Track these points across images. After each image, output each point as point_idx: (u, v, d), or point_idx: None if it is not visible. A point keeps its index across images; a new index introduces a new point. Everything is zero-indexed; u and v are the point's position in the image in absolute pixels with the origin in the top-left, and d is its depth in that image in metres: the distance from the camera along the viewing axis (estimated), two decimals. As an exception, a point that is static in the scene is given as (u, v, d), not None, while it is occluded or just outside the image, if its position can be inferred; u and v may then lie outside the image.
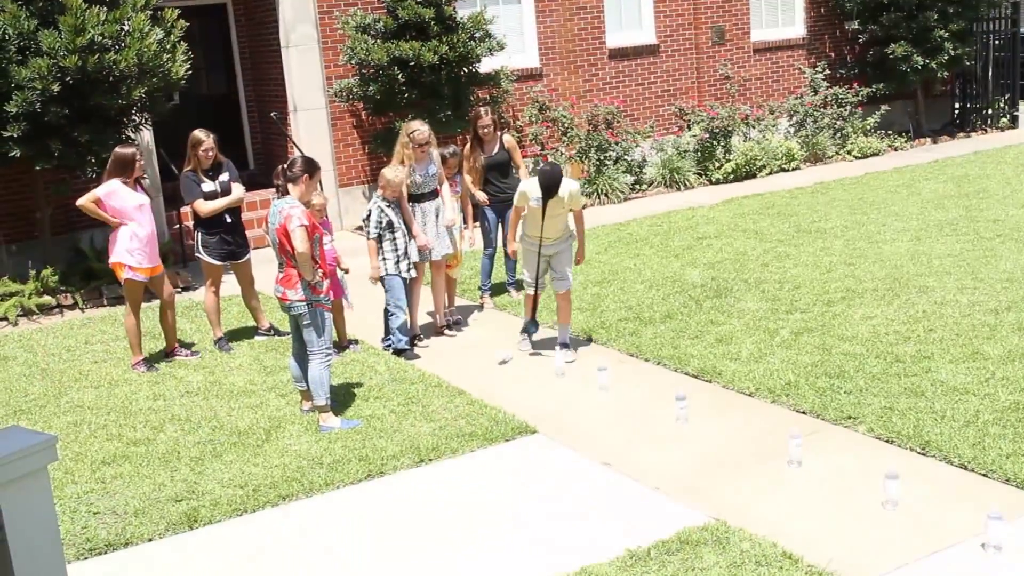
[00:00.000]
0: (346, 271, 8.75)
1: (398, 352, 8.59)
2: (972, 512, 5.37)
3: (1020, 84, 19.76)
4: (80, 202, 8.39)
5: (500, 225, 9.99)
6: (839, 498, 5.68)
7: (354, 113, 14.10)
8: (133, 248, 8.40)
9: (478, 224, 10.11)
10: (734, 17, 16.97)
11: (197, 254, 9.07)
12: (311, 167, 7.17)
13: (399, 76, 13.07)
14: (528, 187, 8.08)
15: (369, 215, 8.43)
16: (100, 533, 5.78)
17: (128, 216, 8.36)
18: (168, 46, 10.89)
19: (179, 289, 11.34)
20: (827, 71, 17.71)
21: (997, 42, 19.31)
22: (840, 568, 4.95)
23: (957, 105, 19.68)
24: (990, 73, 19.39)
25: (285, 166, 7.18)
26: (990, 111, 19.37)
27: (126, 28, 10.44)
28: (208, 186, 8.86)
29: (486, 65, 14.06)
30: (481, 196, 9.80)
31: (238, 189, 9.01)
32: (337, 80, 13.77)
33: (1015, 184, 13.82)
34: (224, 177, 8.95)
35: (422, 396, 7.59)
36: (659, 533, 5.36)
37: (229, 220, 8.99)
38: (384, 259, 8.44)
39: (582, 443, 6.66)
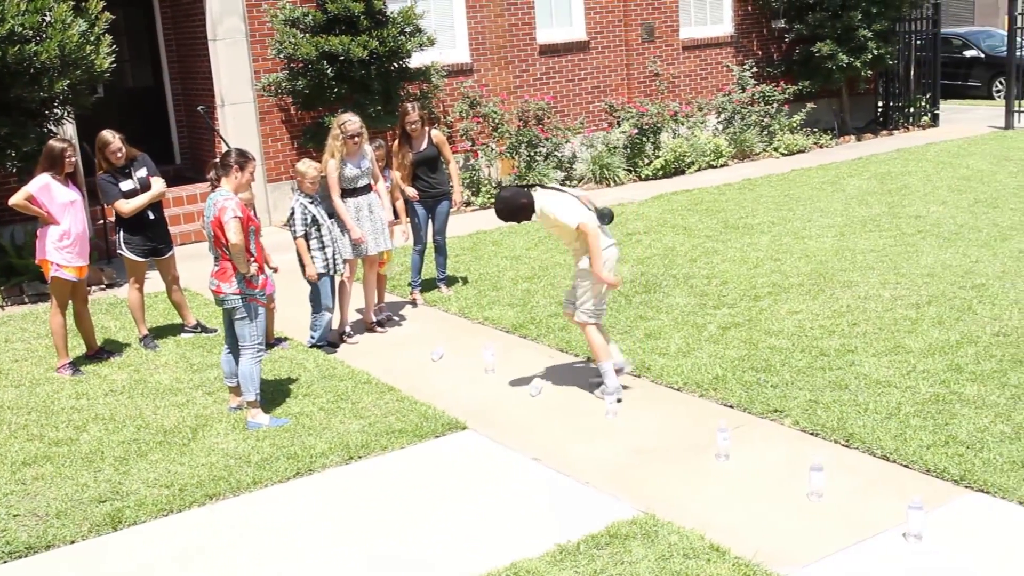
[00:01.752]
0: (275, 270, 8.59)
1: (317, 347, 8.58)
2: (894, 502, 5.48)
3: (941, 83, 20.21)
4: (12, 201, 8.17)
5: (430, 221, 9.96)
6: (766, 490, 5.76)
7: (283, 108, 13.95)
8: (62, 246, 8.22)
9: (409, 220, 10.06)
10: (663, 14, 17.10)
11: (119, 251, 8.89)
12: (243, 159, 7.09)
13: (328, 71, 12.97)
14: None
15: (292, 214, 8.34)
16: (20, 536, 5.65)
17: (59, 212, 8.18)
18: (92, 38, 10.67)
19: (103, 286, 11.14)
20: (754, 69, 17.94)
21: (919, 42, 19.72)
22: (766, 559, 5.01)
23: (880, 103, 20.05)
24: (912, 72, 19.80)
25: (218, 160, 7.09)
26: (912, 109, 19.77)
27: (48, 19, 10.21)
28: (127, 184, 8.66)
29: (416, 60, 14.01)
30: (411, 192, 9.76)
31: (158, 183, 8.82)
32: (265, 74, 13.61)
33: (936, 181, 14.13)
34: (141, 172, 8.76)
35: (351, 393, 7.54)
36: (589, 527, 5.39)
37: (152, 217, 8.82)
38: (312, 258, 8.35)
39: (512, 438, 6.67)
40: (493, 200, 7.09)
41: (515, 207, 7.07)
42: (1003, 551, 5.01)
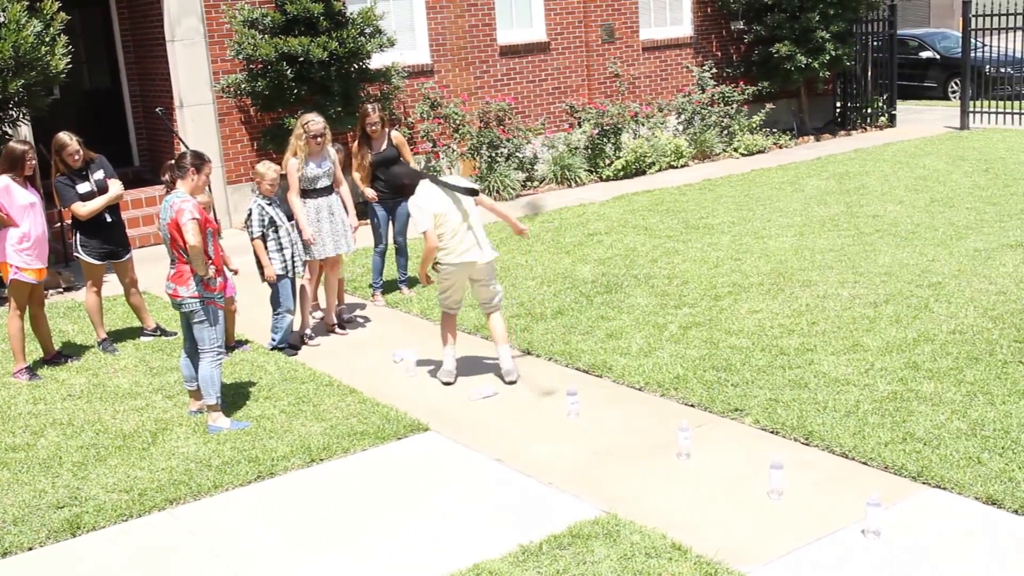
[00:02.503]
0: (235, 272, 8.53)
1: (278, 350, 8.54)
2: (853, 499, 5.53)
3: (897, 84, 20.44)
4: None
5: (391, 222, 9.94)
6: (726, 488, 5.80)
7: (242, 109, 13.86)
8: (22, 248, 8.13)
9: (367, 222, 10.04)
10: (623, 16, 17.17)
11: (76, 254, 8.79)
12: (199, 161, 7.03)
13: (288, 72, 12.90)
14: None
15: (250, 215, 8.30)
16: (-23, 543, 5.59)
17: (19, 215, 8.09)
18: (47, 39, 10.56)
19: (61, 289, 11.02)
20: (714, 70, 18.04)
21: (876, 43, 19.92)
22: (727, 557, 5.05)
23: (838, 104, 20.24)
24: (869, 73, 20.01)
25: (173, 161, 7.03)
26: (869, 110, 19.97)
27: (1, 19, 10.09)
28: (84, 187, 8.57)
29: (376, 61, 13.96)
30: (370, 193, 9.74)
31: (115, 185, 8.73)
32: (224, 75, 13.51)
33: (893, 181, 14.28)
34: (99, 175, 8.67)
35: (313, 395, 7.51)
36: (551, 527, 5.40)
37: (109, 219, 8.73)
38: (270, 259, 8.31)
39: (475, 440, 6.68)
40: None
41: (399, 183, 7.86)
42: (960, 546, 5.08)
